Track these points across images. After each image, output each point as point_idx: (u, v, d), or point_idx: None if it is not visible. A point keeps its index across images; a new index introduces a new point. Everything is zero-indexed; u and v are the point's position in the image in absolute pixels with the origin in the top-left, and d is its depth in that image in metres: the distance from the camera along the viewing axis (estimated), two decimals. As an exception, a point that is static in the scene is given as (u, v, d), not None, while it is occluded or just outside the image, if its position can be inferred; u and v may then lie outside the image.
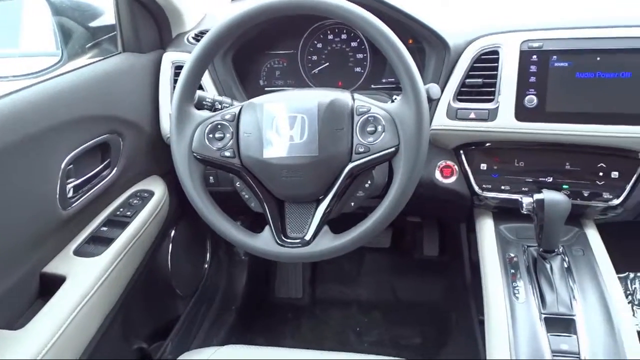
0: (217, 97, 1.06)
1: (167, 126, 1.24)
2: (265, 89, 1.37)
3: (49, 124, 0.98)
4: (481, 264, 1.10)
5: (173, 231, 1.52)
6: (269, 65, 1.36)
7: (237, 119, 0.94)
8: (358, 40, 1.30)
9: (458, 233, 1.67)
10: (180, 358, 1.03)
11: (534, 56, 1.06)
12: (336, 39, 1.31)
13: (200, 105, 1.02)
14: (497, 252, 1.09)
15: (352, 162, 0.90)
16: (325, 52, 1.32)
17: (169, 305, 1.58)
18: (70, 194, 1.07)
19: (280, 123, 0.91)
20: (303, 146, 0.90)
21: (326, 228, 0.93)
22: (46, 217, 1.01)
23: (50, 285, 1.01)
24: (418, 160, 0.86)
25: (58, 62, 1.17)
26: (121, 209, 1.22)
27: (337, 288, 1.98)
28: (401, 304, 1.91)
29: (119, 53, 1.26)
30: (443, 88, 1.13)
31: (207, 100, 1.04)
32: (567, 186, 1.11)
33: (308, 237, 0.92)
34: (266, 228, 0.95)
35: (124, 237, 1.15)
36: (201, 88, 1.24)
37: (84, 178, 1.11)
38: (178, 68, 1.28)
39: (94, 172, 1.14)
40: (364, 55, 1.30)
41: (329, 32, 1.32)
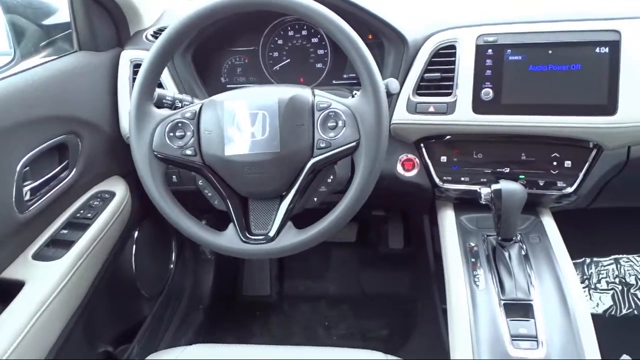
0: (178, 95, 1.05)
1: (127, 125, 1.22)
2: (227, 86, 1.36)
3: (2, 125, 0.95)
4: (443, 254, 1.12)
5: (136, 232, 1.50)
6: (230, 62, 1.35)
7: (198, 117, 0.94)
8: (319, 36, 1.31)
9: (421, 225, 1.70)
10: (147, 359, 1.02)
11: (489, 50, 1.09)
12: (297, 35, 1.32)
13: (160, 103, 1.01)
14: (458, 242, 1.11)
15: (314, 158, 0.91)
16: (286, 49, 1.33)
17: (135, 306, 1.56)
18: (27, 197, 1.04)
19: (241, 120, 0.91)
20: (265, 143, 0.90)
21: (290, 224, 0.93)
22: (2, 221, 0.98)
23: (8, 291, 0.99)
24: (378, 154, 0.88)
25: (10, 62, 1.14)
26: (81, 211, 1.20)
27: (305, 283, 1.99)
28: (368, 297, 1.93)
29: (75, 51, 1.24)
30: (402, 83, 1.14)
31: (167, 98, 1.03)
32: (523, 176, 1.14)
33: (272, 234, 0.92)
34: (230, 226, 0.95)
35: (85, 240, 1.12)
36: (161, 86, 1.23)
37: (42, 180, 1.08)
38: (136, 66, 1.26)
39: (52, 174, 1.12)
40: (325, 51, 1.31)
41: (290, 29, 1.32)
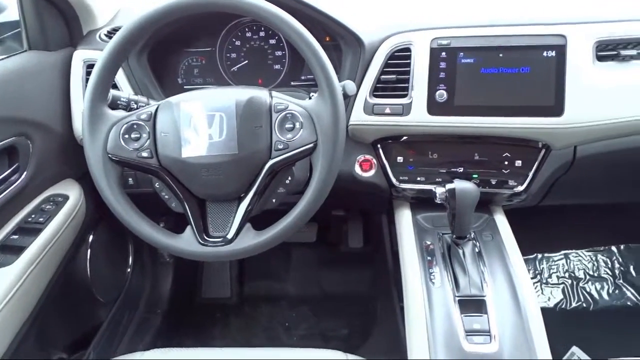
0: (133, 97, 1.03)
1: (80, 127, 1.19)
2: (184, 87, 1.35)
3: None
4: (400, 253, 1.15)
5: (91, 236, 1.47)
6: (187, 62, 1.34)
7: (154, 119, 0.93)
8: (276, 37, 1.31)
9: (380, 224, 1.73)
10: None
11: (443, 53, 1.11)
12: (255, 37, 1.31)
13: (114, 105, 0.99)
14: (415, 241, 1.14)
15: (272, 159, 0.91)
16: (244, 50, 1.32)
17: (90, 312, 1.53)
18: (-26, 202, 1.01)
19: (198, 122, 0.90)
20: (222, 144, 0.90)
21: (248, 225, 0.93)
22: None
23: None
24: (336, 155, 0.89)
25: (-45, 61, 1.10)
26: (33, 215, 1.16)
27: (265, 285, 1.99)
28: (328, 297, 1.94)
29: (25, 51, 1.20)
30: (359, 84, 1.16)
31: (122, 99, 1.01)
32: (477, 175, 1.18)
33: (230, 236, 0.92)
34: (187, 228, 0.94)
35: (37, 245, 1.09)
36: (116, 87, 1.21)
37: (-10, 184, 1.05)
38: (90, 66, 1.23)
39: (1, 178, 1.08)
40: (283, 52, 1.32)
41: (247, 30, 1.32)
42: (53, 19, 1.25)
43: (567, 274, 1.89)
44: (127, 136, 0.92)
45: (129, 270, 1.74)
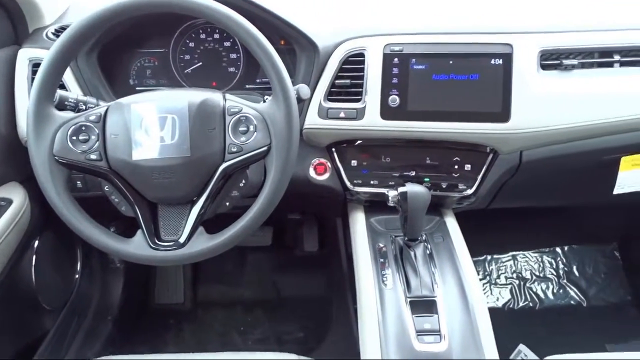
0: (82, 97, 1.01)
1: (25, 128, 1.15)
2: (136, 89, 1.32)
3: None
4: (354, 256, 1.16)
5: (37, 242, 1.42)
6: (139, 63, 1.31)
7: (104, 120, 0.91)
8: (231, 40, 1.30)
9: (335, 228, 1.74)
10: None
11: (396, 59, 1.13)
12: (209, 39, 1.30)
13: (62, 105, 0.97)
14: (368, 243, 1.15)
15: (226, 162, 0.91)
16: (198, 52, 1.31)
17: (36, 320, 1.47)
18: None
19: (149, 124, 0.89)
20: (174, 147, 0.89)
21: (201, 229, 0.93)
22: None
23: None
24: (289, 158, 0.89)
25: None
26: (-27, 220, 1.11)
27: (220, 289, 1.97)
28: (284, 300, 1.94)
29: (-35, 48, 1.15)
30: (314, 88, 1.16)
31: (70, 100, 0.99)
32: (428, 179, 1.21)
33: (183, 239, 0.91)
34: (138, 232, 0.93)
35: (-22, 251, 1.05)
36: (64, 88, 1.17)
37: None
38: (36, 65, 1.19)
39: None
40: (238, 55, 1.31)
41: (202, 32, 1.30)
42: (-4, 16, 1.20)
43: (515, 275, 1.96)
44: (75, 138, 0.89)
45: (77, 276, 1.68)
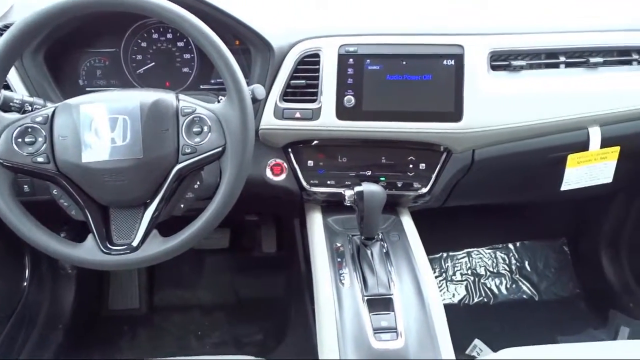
0: (28, 98, 0.97)
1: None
2: (86, 90, 1.28)
3: None
4: (311, 256, 1.16)
5: (-19, 248, 1.36)
6: (89, 64, 1.28)
7: (51, 122, 0.88)
8: (184, 40, 1.28)
9: (293, 228, 1.74)
10: None
11: (351, 60, 1.14)
12: (162, 38, 1.28)
13: (6, 107, 0.93)
14: (325, 243, 1.16)
15: (180, 164, 0.89)
16: (150, 52, 1.28)
17: (-20, 331, 1.41)
18: None
19: (99, 125, 0.87)
20: (126, 149, 0.87)
21: (155, 232, 0.91)
22: None
23: None
24: (245, 159, 0.89)
25: None
26: None
27: (177, 293, 1.94)
28: (242, 303, 1.93)
29: None
30: (269, 89, 1.16)
31: (15, 101, 0.95)
32: (384, 178, 1.22)
33: (136, 243, 0.90)
34: (89, 236, 0.90)
35: None
36: (9, 88, 1.13)
37: None
38: (-22, 65, 1.14)
39: None
40: (192, 55, 1.29)
41: (154, 31, 1.28)
42: None
43: (470, 271, 2.01)
44: (21, 140, 0.87)
45: (25, 284, 1.62)
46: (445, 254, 2.01)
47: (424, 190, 1.22)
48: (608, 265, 1.85)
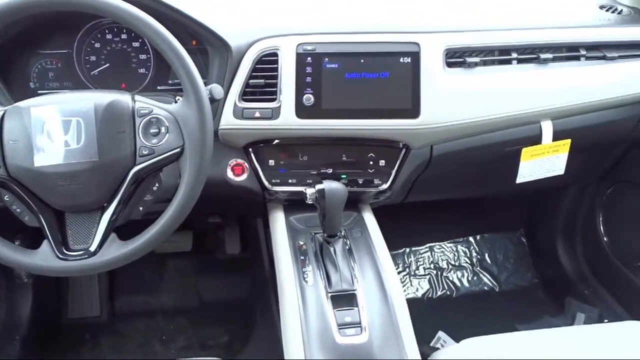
0: None
1: None
2: (38, 92, 1.24)
3: None
4: (275, 255, 1.16)
5: None
6: (40, 65, 1.24)
7: (0, 126, 0.85)
8: (140, 40, 1.26)
9: (256, 229, 1.73)
10: None
11: (309, 58, 1.15)
12: (116, 39, 1.25)
13: None
14: (288, 242, 1.16)
15: (137, 166, 0.88)
16: (104, 53, 1.25)
17: None
18: None
19: (52, 128, 0.85)
20: (80, 151, 0.85)
21: (113, 236, 0.90)
22: None
23: None
24: (204, 159, 0.88)
25: None
26: None
27: (139, 299, 1.90)
28: (207, 306, 1.91)
29: None
30: (228, 88, 1.15)
31: None
32: (345, 175, 1.23)
33: (93, 248, 0.88)
34: (44, 242, 0.88)
35: None
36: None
37: None
38: None
39: None
40: (148, 56, 1.27)
41: (108, 32, 1.25)
42: None
43: (432, 265, 2.04)
44: None
45: None
46: (408, 249, 2.04)
47: (385, 186, 1.24)
48: (563, 254, 1.92)
